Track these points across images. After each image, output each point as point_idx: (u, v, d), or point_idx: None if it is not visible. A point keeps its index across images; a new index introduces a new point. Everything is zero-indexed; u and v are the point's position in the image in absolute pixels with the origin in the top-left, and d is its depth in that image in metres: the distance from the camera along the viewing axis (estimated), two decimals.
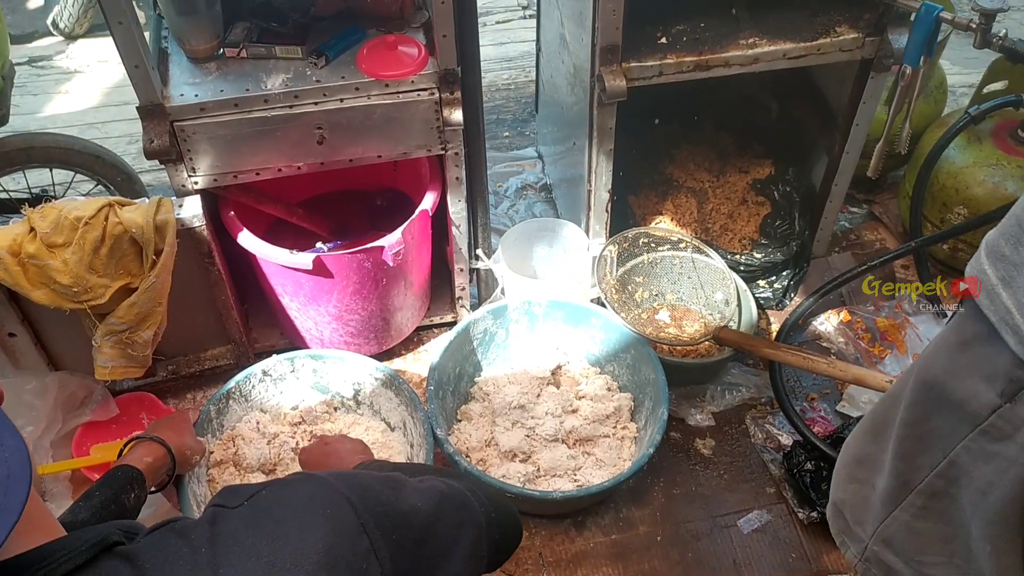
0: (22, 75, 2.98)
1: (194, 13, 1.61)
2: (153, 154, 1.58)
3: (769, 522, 1.79)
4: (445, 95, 1.64)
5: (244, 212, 1.83)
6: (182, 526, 0.68)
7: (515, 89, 3.05)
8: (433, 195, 1.84)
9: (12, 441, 0.59)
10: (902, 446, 0.98)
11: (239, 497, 0.70)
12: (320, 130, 1.64)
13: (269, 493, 0.71)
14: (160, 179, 2.57)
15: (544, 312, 1.96)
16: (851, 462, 1.13)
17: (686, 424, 1.95)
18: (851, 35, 1.75)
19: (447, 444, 1.68)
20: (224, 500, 0.71)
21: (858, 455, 1.11)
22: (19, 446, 0.59)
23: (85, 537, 0.63)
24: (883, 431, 1.03)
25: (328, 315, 1.89)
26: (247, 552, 0.65)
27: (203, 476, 1.71)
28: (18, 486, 0.56)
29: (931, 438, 0.93)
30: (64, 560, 0.60)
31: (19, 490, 0.56)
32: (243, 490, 0.72)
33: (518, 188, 2.57)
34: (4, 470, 0.57)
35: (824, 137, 2.10)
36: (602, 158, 1.87)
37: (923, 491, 0.96)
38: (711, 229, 2.22)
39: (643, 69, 1.71)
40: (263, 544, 0.66)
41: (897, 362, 2.00)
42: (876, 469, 1.04)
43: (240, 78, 1.63)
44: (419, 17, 1.75)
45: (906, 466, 0.98)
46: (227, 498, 0.71)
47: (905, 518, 1.00)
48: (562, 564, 1.73)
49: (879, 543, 1.06)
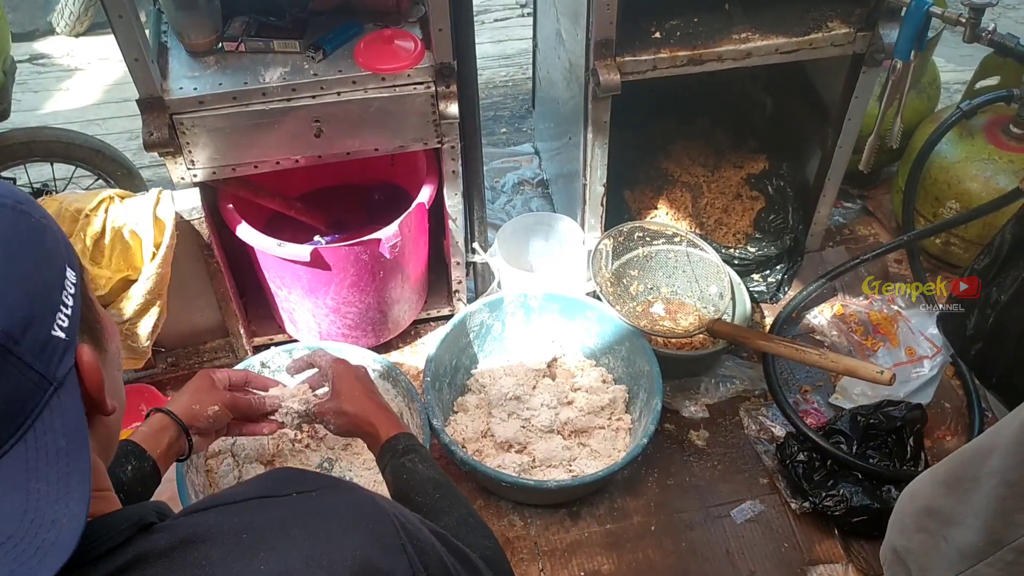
0: (23, 72, 3.01)
1: (193, 7, 1.63)
2: (153, 146, 1.59)
3: (762, 512, 1.81)
4: (441, 89, 1.66)
5: (243, 205, 1.85)
6: (226, 508, 0.68)
7: (513, 86, 3.07)
8: (430, 189, 1.86)
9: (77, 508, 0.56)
10: (1002, 505, 0.96)
11: (289, 486, 0.71)
12: (318, 123, 1.66)
13: (319, 494, 0.71)
14: (160, 174, 2.59)
15: (540, 305, 1.98)
16: (921, 512, 1.11)
17: (680, 416, 1.97)
18: (843, 30, 1.77)
19: (443, 434, 1.69)
20: (272, 489, 0.71)
21: (930, 506, 1.09)
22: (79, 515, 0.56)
23: (125, 516, 0.63)
24: (964, 484, 1.02)
25: (326, 307, 1.91)
26: (288, 541, 0.65)
27: (201, 466, 1.73)
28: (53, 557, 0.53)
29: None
30: (106, 539, 0.60)
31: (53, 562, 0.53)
32: (293, 479, 0.72)
33: (515, 183, 2.59)
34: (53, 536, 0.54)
35: (817, 132, 2.12)
36: (597, 152, 1.89)
37: (1017, 548, 0.95)
38: (706, 223, 2.24)
39: (637, 63, 1.73)
40: (304, 537, 0.66)
41: (889, 354, 2.02)
42: (951, 522, 1.03)
43: (238, 72, 1.65)
44: (416, 12, 1.77)
45: (1002, 524, 0.96)
46: (278, 485, 0.71)
47: (990, 572, 0.99)
48: (557, 553, 1.75)
49: None
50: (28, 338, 0.54)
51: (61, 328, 0.57)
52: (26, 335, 0.54)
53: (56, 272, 0.59)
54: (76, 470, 0.57)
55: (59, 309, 0.57)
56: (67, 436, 0.56)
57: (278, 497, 0.70)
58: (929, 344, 2.02)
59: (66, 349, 0.58)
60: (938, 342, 2.00)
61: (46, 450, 0.55)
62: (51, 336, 0.56)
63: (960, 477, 1.04)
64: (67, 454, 0.56)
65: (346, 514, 0.70)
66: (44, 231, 0.60)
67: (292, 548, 0.65)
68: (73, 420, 0.58)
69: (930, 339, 2.02)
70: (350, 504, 0.72)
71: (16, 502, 0.53)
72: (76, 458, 0.57)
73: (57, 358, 0.57)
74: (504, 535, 1.77)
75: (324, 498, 0.71)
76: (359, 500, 0.73)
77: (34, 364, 0.55)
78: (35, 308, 0.56)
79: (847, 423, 1.82)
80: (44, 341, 0.56)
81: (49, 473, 0.55)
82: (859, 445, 1.79)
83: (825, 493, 1.74)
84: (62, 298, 0.58)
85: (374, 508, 0.72)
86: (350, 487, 0.75)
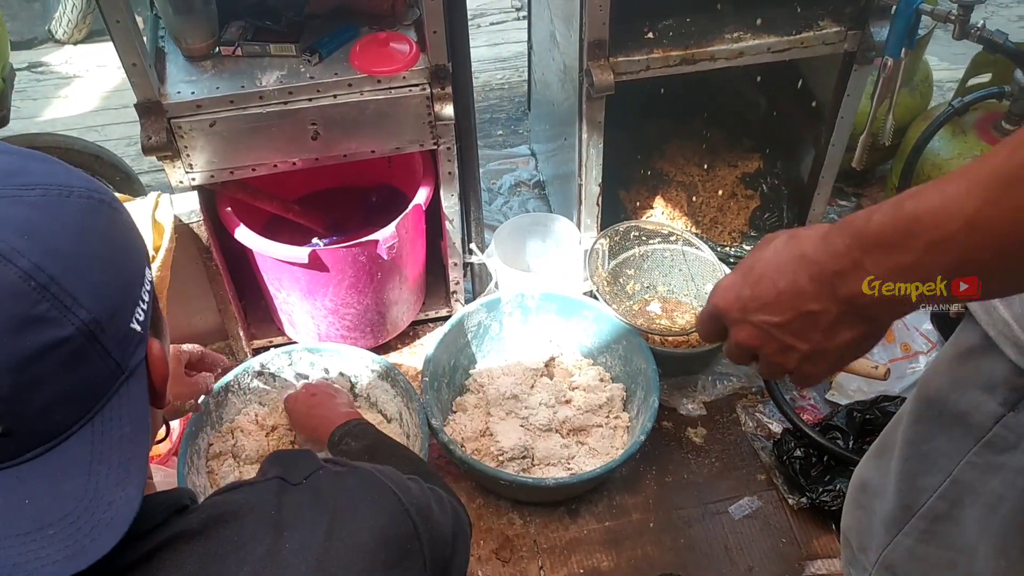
0: (22, 80, 3.02)
1: (191, 13, 1.64)
2: (151, 150, 1.61)
3: (760, 508, 1.82)
4: (436, 90, 1.67)
5: (241, 208, 1.86)
6: (250, 491, 0.72)
7: (509, 88, 3.09)
8: (426, 190, 1.87)
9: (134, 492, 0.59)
10: (904, 467, 0.95)
11: (298, 474, 0.75)
12: (314, 126, 1.68)
13: (325, 475, 0.76)
14: (158, 179, 2.60)
15: (537, 305, 1.99)
16: (857, 487, 1.10)
17: (678, 413, 1.98)
18: (834, 28, 1.79)
19: (442, 434, 1.71)
20: (285, 474, 0.75)
21: (863, 481, 1.08)
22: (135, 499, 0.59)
23: (163, 499, 0.67)
24: (884, 454, 1.01)
25: (324, 309, 1.92)
26: (309, 521, 0.70)
27: (202, 468, 1.74)
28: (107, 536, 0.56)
29: (934, 457, 0.91)
30: (147, 520, 0.64)
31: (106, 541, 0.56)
32: (300, 466, 0.76)
33: (512, 185, 2.60)
34: (110, 516, 0.57)
35: (810, 131, 2.13)
36: (592, 152, 1.90)
37: (925, 515, 0.94)
38: (701, 222, 2.25)
39: (630, 63, 1.74)
40: (322, 517, 0.71)
41: (884, 350, 2.03)
42: (878, 493, 1.02)
43: (235, 75, 1.66)
44: (411, 14, 1.78)
45: (908, 488, 0.95)
46: (287, 471, 0.75)
47: (908, 543, 0.98)
48: (556, 550, 1.76)
49: (882, 570, 1.04)
50: (112, 328, 0.58)
51: (138, 322, 0.61)
52: (111, 325, 0.58)
53: (139, 269, 0.63)
54: (136, 456, 0.60)
55: (138, 304, 0.61)
56: (132, 424, 0.60)
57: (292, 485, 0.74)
58: (924, 340, 2.03)
59: (140, 342, 0.61)
60: (933, 338, 2.02)
61: (111, 435, 0.59)
62: (130, 328, 0.60)
63: (883, 446, 1.03)
64: (131, 441, 0.60)
65: (355, 493, 0.75)
66: (133, 229, 0.65)
67: (312, 526, 0.70)
68: (139, 409, 0.61)
69: (925, 335, 2.03)
70: (354, 484, 0.76)
71: (78, 482, 0.57)
72: (138, 444, 0.61)
73: (132, 349, 0.60)
74: (504, 533, 1.78)
75: (331, 480, 0.75)
76: (360, 480, 0.77)
77: (113, 352, 0.58)
78: (121, 300, 0.60)
79: (843, 419, 1.83)
80: (124, 332, 0.59)
81: (112, 457, 0.58)
82: (855, 440, 1.80)
83: (822, 488, 1.75)
84: (141, 294, 0.62)
85: (376, 483, 0.77)
86: (351, 470, 0.79)
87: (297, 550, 0.68)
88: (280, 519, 0.69)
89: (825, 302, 0.66)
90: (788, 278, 0.67)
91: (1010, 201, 0.54)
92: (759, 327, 0.71)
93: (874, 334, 0.69)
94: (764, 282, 0.69)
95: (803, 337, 0.69)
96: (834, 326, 0.67)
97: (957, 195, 0.57)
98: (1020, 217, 0.54)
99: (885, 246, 0.61)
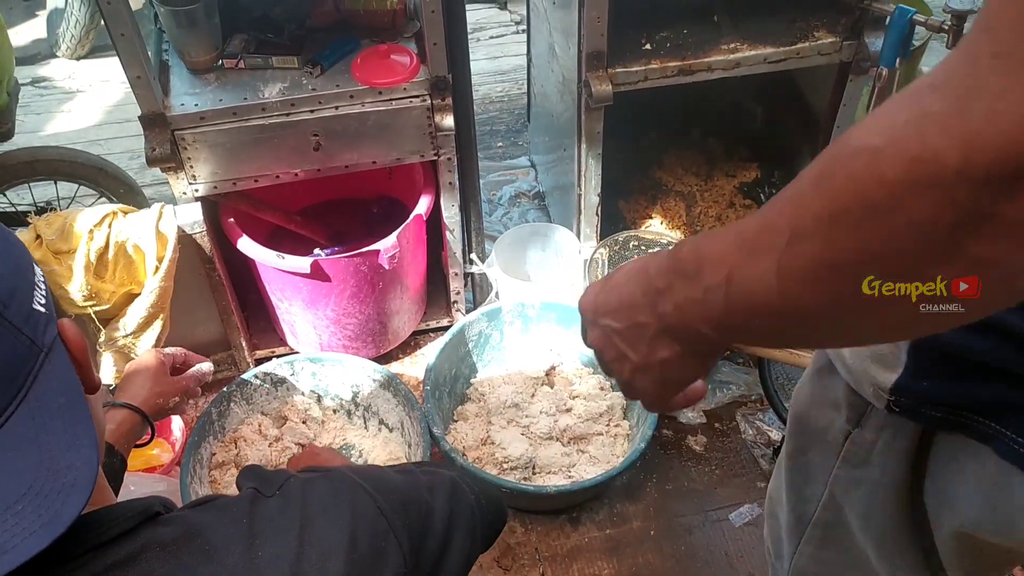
0: (26, 95, 3.05)
1: (194, 26, 1.67)
2: (155, 162, 1.63)
3: (760, 515, 1.82)
4: (436, 101, 1.69)
5: (244, 219, 1.88)
6: (224, 502, 0.73)
7: (508, 101, 3.11)
8: (427, 200, 1.89)
9: (88, 452, 0.61)
10: (791, 478, 0.97)
11: (272, 486, 0.76)
12: (316, 137, 1.70)
13: (295, 482, 0.77)
14: (161, 192, 2.62)
15: (537, 314, 2.01)
16: (767, 498, 1.11)
17: (678, 422, 1.99)
18: (829, 39, 1.81)
19: (444, 442, 1.71)
20: (260, 485, 0.76)
21: (769, 491, 1.09)
22: (91, 458, 0.61)
23: (132, 506, 0.67)
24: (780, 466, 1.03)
25: (326, 319, 1.93)
26: (281, 530, 0.71)
27: (205, 477, 1.75)
28: (76, 496, 0.58)
29: (810, 470, 0.93)
30: (114, 525, 0.64)
31: (76, 502, 0.58)
32: (273, 478, 0.77)
33: (512, 196, 2.62)
34: (71, 478, 0.58)
35: (807, 141, 2.15)
36: (591, 162, 1.92)
37: (817, 523, 0.95)
38: (699, 232, 2.27)
39: (628, 74, 1.76)
40: (294, 524, 0.72)
41: None
42: (779, 503, 1.03)
43: (238, 88, 1.68)
44: (411, 27, 1.81)
45: (797, 498, 0.96)
46: (262, 484, 0.76)
47: (810, 550, 0.99)
48: (558, 559, 1.76)
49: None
50: (14, 305, 0.60)
51: (40, 304, 0.63)
52: (12, 302, 0.59)
53: (26, 257, 0.65)
54: (79, 419, 0.62)
55: (36, 288, 0.63)
56: (64, 394, 0.62)
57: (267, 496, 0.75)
58: None
59: (48, 321, 0.63)
60: None
61: (48, 406, 0.60)
62: (33, 308, 0.62)
63: (779, 458, 1.04)
64: (68, 408, 0.62)
65: (326, 497, 0.75)
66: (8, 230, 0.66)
67: (284, 534, 0.71)
68: (67, 379, 0.63)
69: None
70: (327, 488, 0.76)
71: (30, 455, 0.58)
72: (77, 410, 0.63)
73: (42, 327, 0.62)
74: (505, 541, 1.78)
75: (303, 486, 0.76)
76: (332, 483, 0.77)
77: (23, 329, 0.60)
78: (16, 281, 0.61)
79: None
80: (28, 311, 0.61)
81: (55, 426, 0.60)
82: None
83: None
84: (35, 280, 0.64)
85: (348, 484, 0.77)
86: (323, 475, 0.79)
87: (270, 559, 0.68)
88: (253, 529, 0.70)
89: (649, 316, 0.68)
90: (630, 288, 0.70)
91: (752, 270, 0.55)
92: (604, 331, 0.74)
93: (695, 357, 0.69)
94: (615, 290, 0.72)
95: (633, 347, 0.71)
96: (653, 340, 0.68)
97: (724, 249, 0.59)
98: (765, 283, 0.55)
99: (684, 276, 0.63)
